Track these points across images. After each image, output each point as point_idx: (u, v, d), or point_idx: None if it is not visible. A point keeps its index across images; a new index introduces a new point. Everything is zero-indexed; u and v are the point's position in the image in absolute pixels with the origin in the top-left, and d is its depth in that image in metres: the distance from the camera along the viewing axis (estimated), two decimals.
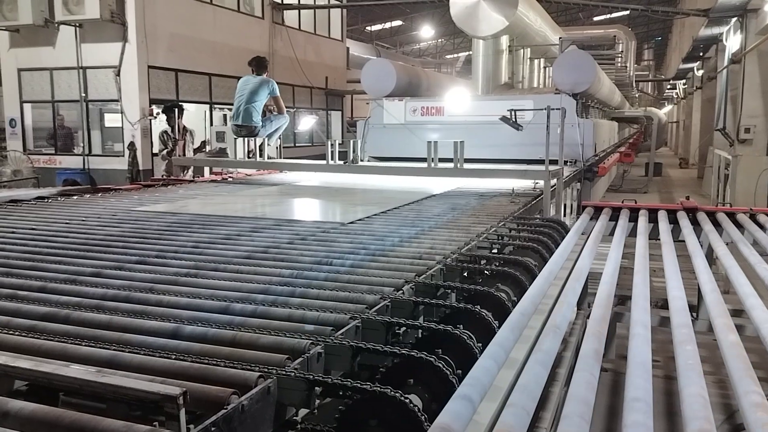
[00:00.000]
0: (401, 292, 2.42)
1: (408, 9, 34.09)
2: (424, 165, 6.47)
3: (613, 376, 4.52)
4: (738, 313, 3.39)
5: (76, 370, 1.53)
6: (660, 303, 4.37)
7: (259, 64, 7.84)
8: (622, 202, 4.85)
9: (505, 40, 10.18)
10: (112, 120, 12.29)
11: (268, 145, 7.74)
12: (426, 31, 39.86)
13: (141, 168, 11.58)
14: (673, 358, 4.40)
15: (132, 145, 11.59)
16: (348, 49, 20.99)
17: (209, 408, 1.43)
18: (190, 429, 1.36)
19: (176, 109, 9.58)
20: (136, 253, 3.12)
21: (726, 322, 2.04)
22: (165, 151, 9.42)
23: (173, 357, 1.73)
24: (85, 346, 1.81)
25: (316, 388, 1.63)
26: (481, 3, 9.50)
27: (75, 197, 5.47)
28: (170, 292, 2.41)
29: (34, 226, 3.95)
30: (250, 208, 5.28)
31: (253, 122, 7.65)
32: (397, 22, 39.64)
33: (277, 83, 7.98)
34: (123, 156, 11.75)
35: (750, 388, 1.50)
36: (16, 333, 1.93)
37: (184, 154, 9.25)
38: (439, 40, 44.77)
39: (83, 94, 11.99)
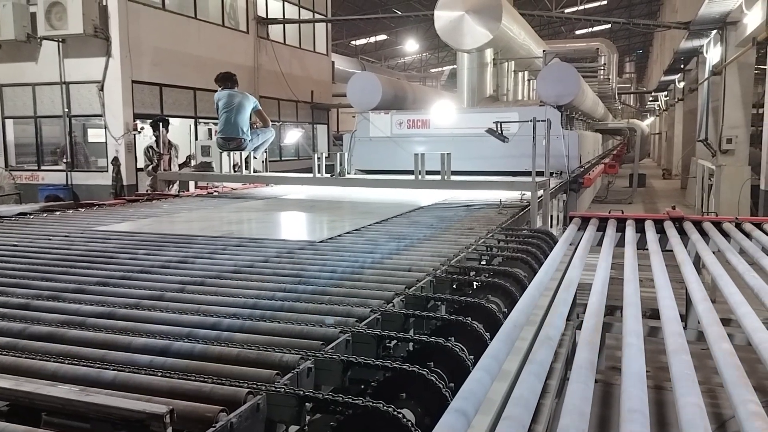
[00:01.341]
0: (391, 304, 2.39)
1: (392, 23, 34.35)
2: (412, 177, 6.47)
3: (603, 387, 4.51)
4: (726, 322, 3.39)
5: (59, 389, 1.49)
6: (648, 313, 4.37)
7: (230, 79, 7.82)
8: (609, 213, 4.86)
9: (489, 54, 10.26)
10: (95, 135, 12.21)
11: (254, 158, 7.71)
12: (410, 45, 40.10)
13: (125, 183, 11.49)
14: (661, 368, 4.36)
15: (116, 160, 11.50)
16: (333, 63, 21.06)
17: (197, 426, 1.39)
18: None
19: (160, 123, 9.53)
20: (120, 269, 3.07)
21: (718, 331, 2.03)
22: (150, 167, 9.36)
23: (159, 374, 1.68)
24: (68, 364, 1.76)
25: (307, 404, 1.59)
26: (466, 17, 9.58)
27: (58, 213, 5.39)
28: (155, 308, 2.37)
29: (16, 243, 3.88)
30: (236, 222, 5.23)
31: (243, 135, 7.62)
32: (382, 37, 39.85)
33: (263, 97, 7.98)
34: (107, 171, 11.65)
35: (746, 397, 1.49)
36: None
37: (170, 169, 9.18)
38: (424, 54, 45.05)
39: (66, 110, 11.91)
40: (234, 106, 7.60)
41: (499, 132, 6.65)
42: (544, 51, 11.55)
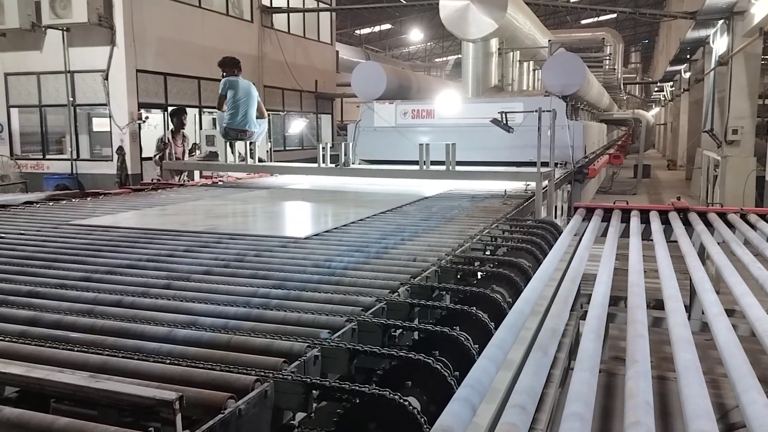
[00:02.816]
0: (397, 294, 2.41)
1: (397, 13, 34.17)
2: (416, 167, 6.46)
3: (607, 377, 4.52)
4: (730, 312, 3.40)
5: (69, 376, 1.50)
6: (653, 303, 4.37)
7: (237, 65, 7.62)
8: (614, 203, 4.85)
9: (494, 43, 10.21)
10: (100, 124, 12.22)
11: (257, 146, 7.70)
12: (415, 35, 39.93)
13: (130, 172, 11.51)
14: (664, 359, 4.36)
15: (121, 149, 11.52)
16: (337, 52, 21.00)
17: (206, 413, 1.41)
18: None
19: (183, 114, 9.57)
20: (127, 258, 3.09)
21: (723, 321, 2.03)
22: (157, 156, 9.36)
23: (168, 361, 1.70)
24: (77, 351, 1.78)
25: (314, 391, 1.61)
26: (471, 6, 9.53)
27: (63, 202, 5.41)
28: (163, 296, 2.38)
29: (22, 231, 3.90)
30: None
31: (255, 128, 7.58)
32: (387, 26, 39.68)
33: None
34: (111, 160, 11.67)
35: (750, 387, 1.49)
36: (7, 338, 1.89)
37: (183, 159, 9.18)
38: (428, 44, 44.86)
39: (71, 99, 11.92)
40: (248, 97, 7.49)
41: (504, 122, 6.64)
42: (549, 41, 11.46)
